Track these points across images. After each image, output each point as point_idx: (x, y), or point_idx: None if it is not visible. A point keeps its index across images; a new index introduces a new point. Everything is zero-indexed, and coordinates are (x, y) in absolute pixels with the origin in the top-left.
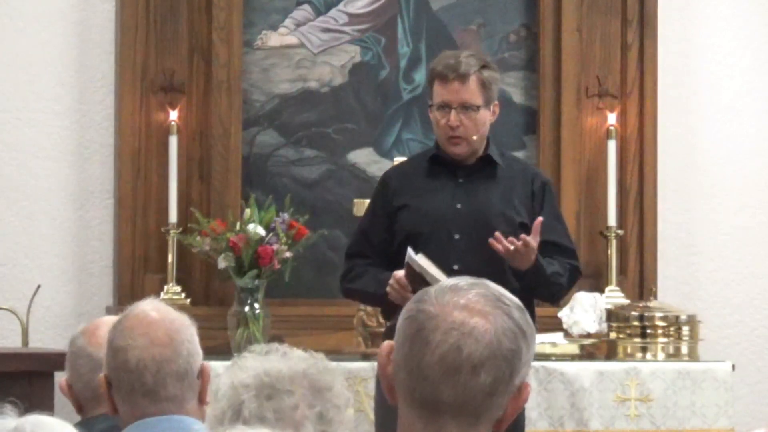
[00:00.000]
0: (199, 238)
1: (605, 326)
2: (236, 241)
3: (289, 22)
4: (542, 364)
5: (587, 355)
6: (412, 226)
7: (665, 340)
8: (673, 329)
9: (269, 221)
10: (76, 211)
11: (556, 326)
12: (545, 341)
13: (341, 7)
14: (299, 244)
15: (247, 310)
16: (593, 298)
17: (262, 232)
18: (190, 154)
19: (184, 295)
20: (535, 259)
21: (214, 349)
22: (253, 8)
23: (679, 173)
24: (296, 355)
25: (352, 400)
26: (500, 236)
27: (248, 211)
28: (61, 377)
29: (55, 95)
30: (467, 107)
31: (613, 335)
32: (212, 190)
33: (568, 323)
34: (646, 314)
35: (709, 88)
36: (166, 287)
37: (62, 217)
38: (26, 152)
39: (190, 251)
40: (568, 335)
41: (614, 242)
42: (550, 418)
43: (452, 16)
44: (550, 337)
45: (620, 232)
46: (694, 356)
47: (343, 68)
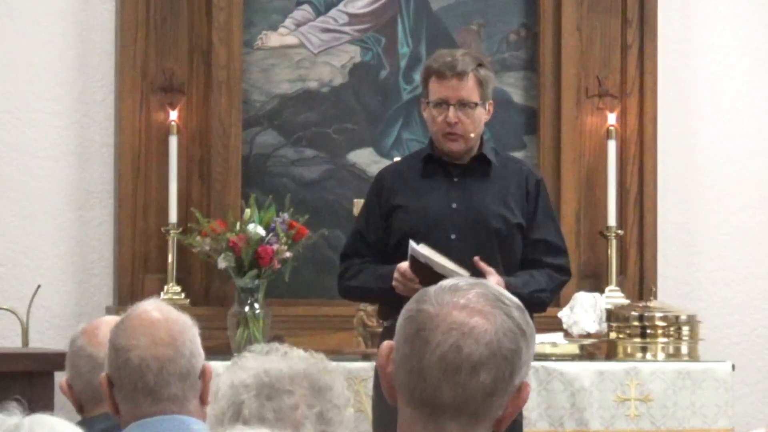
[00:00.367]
0: (199, 238)
1: (605, 326)
2: (236, 241)
3: (289, 22)
4: (542, 364)
5: (587, 355)
6: (408, 226)
7: (665, 340)
8: (673, 329)
9: (269, 221)
10: (76, 211)
11: (556, 326)
12: (545, 341)
13: (341, 7)
14: (299, 244)
15: (247, 310)
16: (593, 298)
17: (262, 232)
18: (190, 154)
19: (184, 295)
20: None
21: (214, 349)
22: (253, 8)
23: (679, 173)
24: (296, 355)
25: (352, 400)
26: (477, 260)
27: (248, 211)
28: (61, 377)
29: (55, 95)
30: (465, 104)
31: (613, 335)
32: (212, 190)
33: (568, 323)
34: (646, 314)
35: (709, 88)
36: (166, 287)
37: (62, 217)
38: (26, 152)
39: (190, 251)
40: (568, 335)
41: (614, 242)
42: (550, 418)
43: (452, 16)
44: (550, 337)
45: (620, 232)
46: (694, 356)
47: (343, 68)
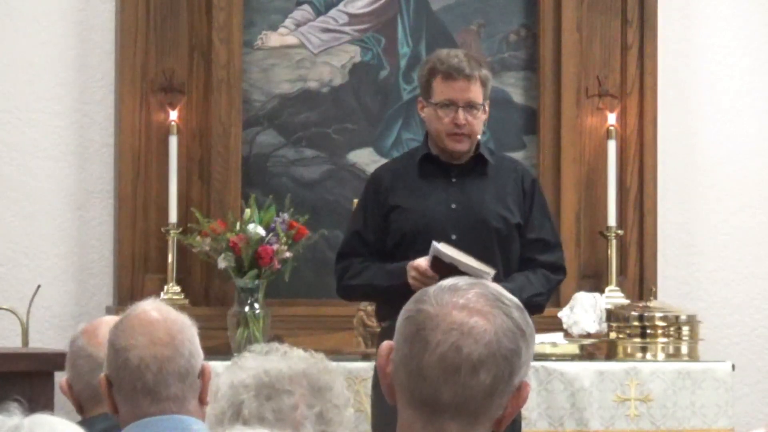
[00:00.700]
0: (199, 238)
1: (605, 326)
2: (236, 241)
3: (289, 22)
4: (542, 364)
5: (587, 355)
6: (408, 227)
7: (665, 340)
8: (673, 329)
9: (269, 221)
10: (76, 211)
11: (556, 326)
12: (545, 341)
13: (341, 7)
14: (299, 244)
15: (247, 310)
16: (593, 298)
17: (262, 232)
18: (190, 154)
19: (183, 295)
20: None
21: (214, 349)
22: (253, 8)
23: (679, 173)
24: (296, 355)
25: (351, 399)
26: None
27: (248, 211)
28: (61, 377)
29: (55, 95)
30: (472, 106)
31: (613, 335)
32: (212, 190)
33: (568, 323)
34: (646, 314)
35: (709, 88)
36: (166, 287)
37: (62, 217)
38: (26, 152)
39: (190, 251)
40: (568, 335)
41: (614, 242)
42: (550, 418)
43: (452, 16)
44: (550, 337)
45: (620, 232)
46: (694, 356)
47: (343, 68)
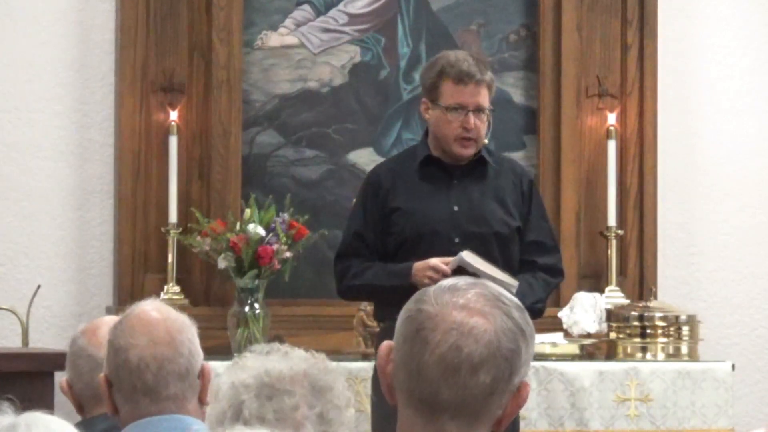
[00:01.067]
0: (199, 238)
1: (605, 326)
2: (236, 241)
3: (289, 22)
4: (542, 364)
5: (587, 355)
6: (410, 229)
7: (665, 340)
8: (673, 329)
9: (269, 221)
10: (76, 211)
11: (556, 326)
12: (545, 341)
13: (341, 7)
14: (299, 244)
15: (247, 310)
16: (593, 298)
17: (262, 232)
18: (190, 154)
19: (183, 295)
20: None
21: (214, 349)
22: (253, 8)
23: (679, 173)
24: (297, 355)
25: (352, 400)
26: None
27: (248, 211)
28: (61, 377)
29: (55, 95)
30: (480, 110)
31: (613, 335)
32: (212, 190)
33: (568, 323)
34: (646, 314)
35: (709, 88)
36: (166, 287)
37: (62, 217)
38: (26, 152)
39: (190, 251)
40: (568, 335)
41: (614, 242)
42: (550, 418)
43: (452, 16)
44: (550, 337)
45: (620, 232)
46: (694, 356)
47: (343, 68)
